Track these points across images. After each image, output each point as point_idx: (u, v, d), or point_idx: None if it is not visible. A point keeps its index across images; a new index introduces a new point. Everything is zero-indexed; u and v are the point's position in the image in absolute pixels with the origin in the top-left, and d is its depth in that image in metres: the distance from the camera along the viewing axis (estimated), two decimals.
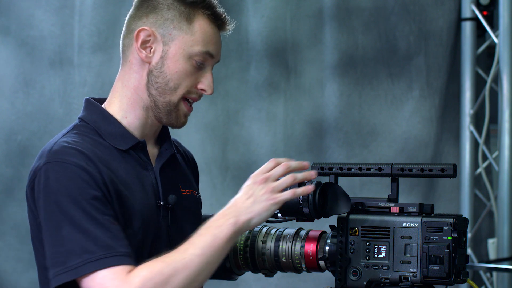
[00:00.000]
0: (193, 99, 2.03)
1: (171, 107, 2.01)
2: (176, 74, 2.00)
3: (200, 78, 2.02)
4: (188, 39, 2.00)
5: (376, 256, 1.98)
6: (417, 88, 4.55)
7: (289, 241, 2.08)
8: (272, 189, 1.89)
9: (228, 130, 4.42)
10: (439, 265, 1.92)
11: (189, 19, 2.00)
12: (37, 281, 2.15)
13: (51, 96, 4.21)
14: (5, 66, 4.18)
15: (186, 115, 2.04)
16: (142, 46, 2.01)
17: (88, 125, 2.03)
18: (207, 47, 2.01)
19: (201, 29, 2.01)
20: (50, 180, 1.88)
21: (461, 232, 1.96)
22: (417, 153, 4.52)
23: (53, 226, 1.85)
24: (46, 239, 1.87)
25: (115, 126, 2.02)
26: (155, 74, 2.01)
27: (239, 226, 1.87)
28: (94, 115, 2.05)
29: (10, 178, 4.17)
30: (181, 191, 2.09)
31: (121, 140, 2.01)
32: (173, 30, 2.00)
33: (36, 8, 4.20)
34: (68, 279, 1.84)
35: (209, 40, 2.01)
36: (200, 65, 2.01)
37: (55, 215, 1.85)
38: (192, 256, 1.84)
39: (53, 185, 1.87)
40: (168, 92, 2.01)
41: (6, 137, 4.16)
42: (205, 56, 2.01)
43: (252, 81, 4.43)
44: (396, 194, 2.05)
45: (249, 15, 4.41)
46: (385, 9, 4.52)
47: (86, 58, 4.24)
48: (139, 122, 2.04)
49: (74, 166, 1.88)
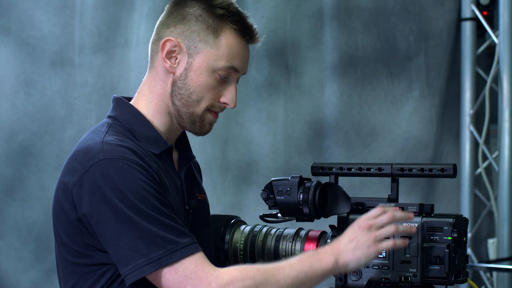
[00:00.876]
0: (216, 112, 2.03)
1: (195, 118, 2.02)
2: (199, 87, 2.00)
3: (223, 91, 2.02)
4: (213, 53, 1.99)
5: (376, 256, 1.98)
6: (417, 88, 4.55)
7: (289, 241, 2.08)
8: (375, 237, 1.91)
9: (228, 130, 4.42)
10: (439, 265, 1.93)
11: (216, 32, 1.99)
12: (38, 281, 2.18)
13: (52, 96, 4.21)
14: (5, 66, 4.18)
15: (212, 123, 2.04)
16: (168, 56, 2.01)
17: (122, 124, 2.01)
18: (231, 62, 2.00)
19: (227, 44, 2.00)
20: (111, 176, 1.86)
21: (461, 232, 1.96)
22: (417, 153, 4.52)
23: (124, 221, 1.84)
24: (115, 235, 1.85)
25: (148, 129, 2.02)
26: (179, 85, 2.01)
27: (337, 266, 1.90)
28: (127, 115, 2.03)
29: (11, 178, 4.17)
30: (197, 196, 2.10)
31: (154, 144, 2.00)
32: (199, 43, 1.99)
33: (37, 8, 4.19)
34: (151, 270, 1.83)
35: (235, 54, 2.00)
36: (224, 79, 2.01)
37: (122, 210, 1.84)
38: (286, 276, 1.87)
39: (117, 181, 1.85)
40: (191, 104, 2.00)
41: (7, 137, 4.16)
42: (229, 70, 2.00)
43: (252, 81, 4.43)
44: (396, 194, 2.05)
45: (249, 15, 4.41)
46: (385, 9, 4.52)
47: (87, 59, 4.24)
48: (164, 127, 2.04)
49: (133, 163, 1.88)
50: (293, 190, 2.02)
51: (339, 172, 2.08)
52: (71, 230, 1.92)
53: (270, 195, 2.05)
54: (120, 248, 1.85)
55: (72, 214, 1.91)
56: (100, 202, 1.86)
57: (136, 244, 1.84)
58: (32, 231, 4.15)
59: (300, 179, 2.03)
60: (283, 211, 2.04)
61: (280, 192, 2.03)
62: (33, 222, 4.15)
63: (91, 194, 1.87)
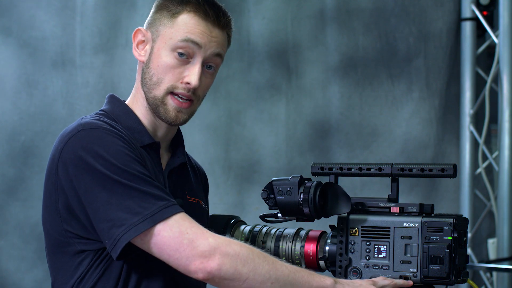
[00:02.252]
0: (181, 94, 2.00)
1: (158, 102, 2.00)
2: (159, 68, 2.00)
3: (185, 71, 2.00)
4: (169, 31, 2.00)
5: (376, 256, 1.99)
6: (416, 90, 4.56)
7: (289, 241, 2.08)
8: None
9: (231, 131, 4.43)
10: (440, 265, 1.93)
11: (175, 15, 2.00)
12: (41, 280, 2.18)
13: (53, 97, 4.22)
14: (7, 67, 4.18)
15: (178, 110, 2.01)
16: (138, 46, 2.05)
17: (108, 115, 2.02)
18: (187, 35, 1.98)
19: (183, 21, 2.00)
20: (91, 144, 1.87)
21: (461, 232, 1.96)
22: (417, 153, 4.53)
23: (111, 186, 1.84)
24: (105, 201, 1.84)
25: (135, 122, 2.03)
26: (145, 71, 2.03)
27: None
28: (116, 109, 2.05)
29: (13, 178, 4.18)
30: (188, 198, 2.09)
31: (138, 136, 2.01)
32: (159, 27, 2.02)
33: (38, 9, 4.20)
34: (146, 226, 1.83)
35: (191, 29, 1.99)
36: (184, 58, 1.99)
37: (108, 176, 1.84)
38: (280, 269, 1.87)
39: (98, 149, 1.86)
40: (152, 87, 2.01)
41: (9, 137, 4.17)
42: (186, 44, 1.98)
43: (253, 82, 4.44)
44: (396, 194, 2.05)
45: (250, 16, 4.42)
46: (385, 11, 4.52)
47: (88, 59, 4.25)
48: (148, 122, 2.05)
49: (112, 132, 1.90)
50: (293, 190, 2.02)
51: (339, 172, 2.07)
52: (52, 217, 1.93)
53: (270, 195, 2.04)
54: (112, 212, 1.84)
55: (54, 197, 1.92)
56: (85, 171, 1.86)
57: (127, 205, 1.83)
58: (35, 231, 4.16)
59: (301, 179, 2.02)
60: (283, 211, 2.04)
61: (281, 192, 2.03)
62: (36, 221, 4.15)
63: (75, 165, 1.87)
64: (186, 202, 2.06)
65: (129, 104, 2.07)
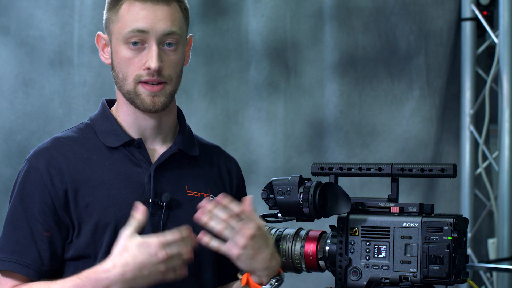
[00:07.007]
0: (148, 80, 2.04)
1: (132, 95, 2.05)
2: (120, 64, 2.05)
3: (145, 58, 2.03)
4: (117, 27, 2.05)
5: (376, 256, 1.98)
6: (417, 88, 4.55)
7: (289, 241, 2.07)
8: None
9: (228, 130, 4.41)
10: (439, 265, 1.92)
11: (117, 8, 2.05)
12: None
13: (50, 96, 4.21)
14: (4, 66, 4.18)
15: (152, 95, 2.04)
16: (104, 50, 2.11)
17: (88, 123, 2.12)
18: (132, 25, 2.02)
19: (124, 11, 2.04)
20: (19, 177, 2.14)
21: (461, 232, 1.95)
22: (417, 153, 4.52)
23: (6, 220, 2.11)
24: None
25: (110, 124, 2.09)
26: (113, 71, 2.09)
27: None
28: (98, 115, 2.13)
29: (9, 178, 4.16)
30: (187, 192, 2.09)
31: (112, 137, 2.07)
32: (110, 25, 2.08)
33: (36, 8, 4.19)
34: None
35: (134, 17, 2.02)
36: (138, 46, 2.03)
37: (9, 212, 2.11)
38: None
39: (18, 186, 2.13)
40: (122, 83, 2.06)
41: (6, 137, 4.16)
42: (133, 34, 2.02)
43: (252, 81, 4.43)
44: (396, 194, 2.04)
45: (249, 14, 4.41)
46: (385, 9, 4.52)
47: (86, 58, 4.24)
48: (130, 117, 2.09)
49: (37, 173, 2.08)
50: (293, 190, 2.01)
51: (339, 172, 2.07)
52: None
53: (270, 195, 2.04)
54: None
55: None
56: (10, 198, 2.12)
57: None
58: None
59: (300, 179, 2.02)
60: (283, 211, 2.03)
61: (280, 192, 2.03)
62: None
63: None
64: (183, 196, 2.07)
65: (116, 105, 2.12)
